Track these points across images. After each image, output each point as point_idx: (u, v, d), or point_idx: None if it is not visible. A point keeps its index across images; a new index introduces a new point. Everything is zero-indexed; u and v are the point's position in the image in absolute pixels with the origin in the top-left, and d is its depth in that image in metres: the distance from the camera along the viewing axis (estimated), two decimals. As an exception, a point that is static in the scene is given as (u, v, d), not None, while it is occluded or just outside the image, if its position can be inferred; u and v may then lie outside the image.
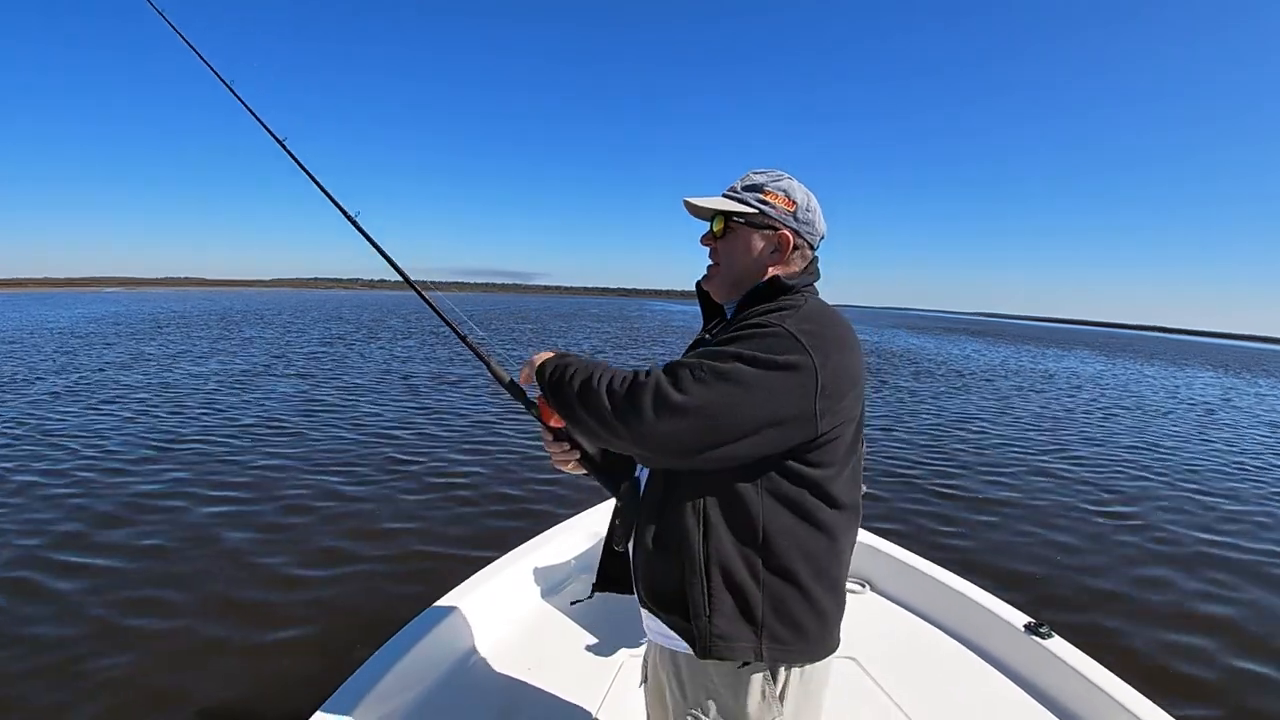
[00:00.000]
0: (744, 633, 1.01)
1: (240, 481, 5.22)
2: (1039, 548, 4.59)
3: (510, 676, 2.00)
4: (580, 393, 0.99)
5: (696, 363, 0.94)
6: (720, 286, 1.17)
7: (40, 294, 76.85)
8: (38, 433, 6.55)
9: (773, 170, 1.14)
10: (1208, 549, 4.81)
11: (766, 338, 0.95)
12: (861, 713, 1.89)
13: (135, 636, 2.99)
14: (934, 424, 9.12)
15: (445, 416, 8.09)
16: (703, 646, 1.02)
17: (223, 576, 3.59)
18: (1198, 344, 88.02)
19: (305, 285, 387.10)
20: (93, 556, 3.77)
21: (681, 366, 0.94)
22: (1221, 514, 5.73)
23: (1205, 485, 6.71)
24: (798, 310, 1.01)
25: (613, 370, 1.01)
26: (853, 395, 1.01)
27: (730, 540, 1.01)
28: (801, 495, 1.00)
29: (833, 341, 0.98)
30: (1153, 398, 14.66)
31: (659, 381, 0.93)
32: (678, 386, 0.91)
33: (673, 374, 0.94)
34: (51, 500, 4.65)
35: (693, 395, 0.91)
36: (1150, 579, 4.18)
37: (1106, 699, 1.77)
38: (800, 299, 1.05)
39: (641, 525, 1.10)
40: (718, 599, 1.01)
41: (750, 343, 0.95)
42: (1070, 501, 5.80)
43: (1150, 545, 4.81)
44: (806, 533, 1.01)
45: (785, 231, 1.10)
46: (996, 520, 5.13)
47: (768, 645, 1.01)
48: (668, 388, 0.92)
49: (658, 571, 1.07)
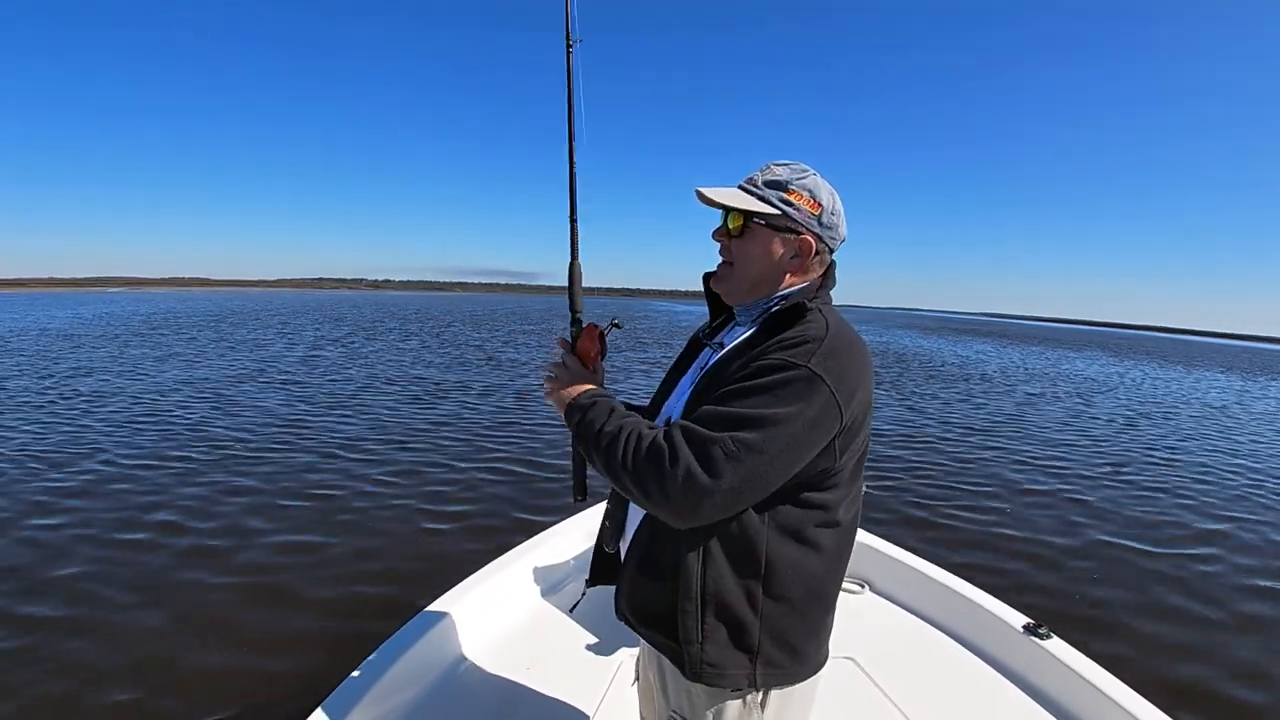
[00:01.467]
0: (738, 660, 0.99)
1: (235, 483, 5.22)
2: (1039, 548, 4.59)
3: (508, 676, 2.00)
4: (606, 460, 0.95)
5: (726, 437, 0.86)
6: (733, 289, 1.10)
7: (41, 294, 77.00)
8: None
9: (796, 164, 1.05)
10: (1209, 549, 4.79)
11: (792, 383, 0.89)
12: (860, 713, 1.88)
13: (135, 636, 2.99)
14: (953, 426, 9.11)
15: (444, 416, 8.11)
16: (692, 671, 1.00)
17: (220, 576, 3.58)
18: (1207, 345, 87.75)
19: (310, 285, 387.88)
20: (92, 553, 3.78)
21: (711, 443, 0.86)
22: (1224, 516, 5.71)
23: (1211, 486, 6.70)
24: (821, 342, 0.93)
25: (638, 434, 0.93)
26: (868, 421, 1.00)
27: (730, 572, 0.97)
28: (807, 522, 0.98)
29: (855, 375, 0.94)
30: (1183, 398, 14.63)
31: (689, 466, 0.86)
32: (709, 470, 0.85)
33: (703, 452, 0.86)
34: (50, 488, 4.67)
35: (725, 478, 0.85)
36: (1150, 579, 4.17)
37: (1105, 700, 1.77)
38: (821, 322, 0.97)
39: (634, 544, 1.07)
40: (711, 628, 0.98)
41: (777, 396, 0.88)
42: (1071, 501, 5.79)
43: (1151, 545, 4.81)
44: (809, 559, 0.99)
45: (808, 236, 1.03)
46: (992, 517, 5.13)
47: (762, 671, 1.00)
48: (699, 472, 0.85)
49: (646, 593, 1.05)
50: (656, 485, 0.87)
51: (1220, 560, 4.59)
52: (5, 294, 74.56)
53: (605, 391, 1.08)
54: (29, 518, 4.30)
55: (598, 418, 0.99)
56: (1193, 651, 3.31)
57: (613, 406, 1.02)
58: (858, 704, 1.92)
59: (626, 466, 0.91)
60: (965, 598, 2.30)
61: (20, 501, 4.60)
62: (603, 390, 1.08)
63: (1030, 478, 6.53)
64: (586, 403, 1.02)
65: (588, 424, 0.99)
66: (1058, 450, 7.91)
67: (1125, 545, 4.77)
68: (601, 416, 0.99)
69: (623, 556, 1.14)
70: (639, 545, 1.06)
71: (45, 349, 14.17)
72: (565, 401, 1.06)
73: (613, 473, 0.94)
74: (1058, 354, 29.67)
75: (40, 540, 3.96)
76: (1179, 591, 4.03)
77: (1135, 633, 3.47)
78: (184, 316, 28.27)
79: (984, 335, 46.92)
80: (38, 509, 4.47)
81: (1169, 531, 5.15)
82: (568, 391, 1.07)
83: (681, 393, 1.13)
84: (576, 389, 1.06)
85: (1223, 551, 4.76)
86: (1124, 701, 1.74)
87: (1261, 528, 5.41)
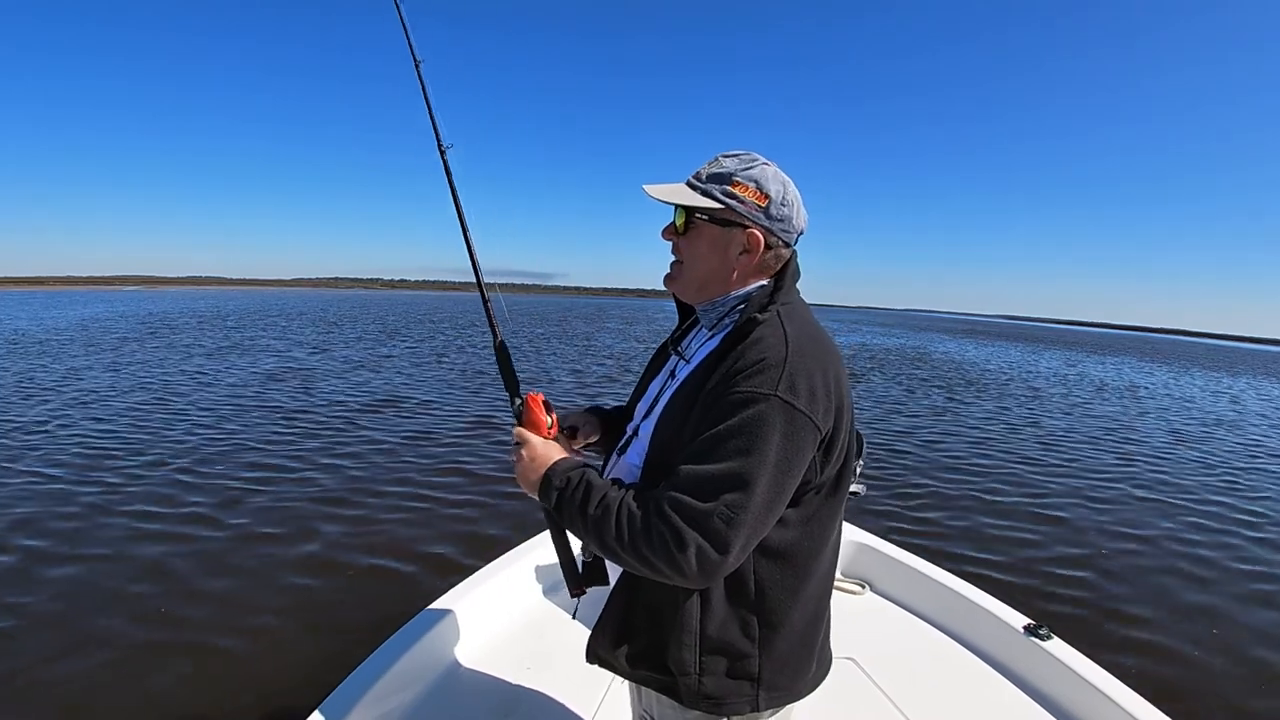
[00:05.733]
0: (738, 689, 0.98)
1: (231, 485, 5.27)
2: (1042, 546, 4.56)
3: (509, 676, 2.01)
4: (599, 540, 0.92)
5: (719, 506, 0.84)
6: (683, 287, 1.07)
7: (54, 292, 77.81)
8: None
9: (745, 153, 1.00)
10: (1210, 550, 4.74)
11: (764, 417, 0.86)
12: (860, 713, 1.88)
13: (134, 637, 3.02)
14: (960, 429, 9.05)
15: (444, 413, 8.15)
16: (690, 700, 0.99)
17: (218, 577, 3.61)
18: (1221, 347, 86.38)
19: (325, 285, 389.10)
20: (86, 552, 3.82)
21: (709, 516, 0.84)
22: (1232, 519, 5.64)
23: (1217, 487, 6.62)
24: (783, 364, 0.89)
25: (628, 512, 0.90)
26: (847, 425, 0.97)
27: (724, 604, 0.96)
28: (792, 540, 0.96)
29: (825, 385, 0.91)
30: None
31: (699, 546, 0.84)
32: (717, 545, 0.84)
33: (705, 528, 0.84)
34: (48, 493, 4.74)
35: (734, 546, 0.85)
36: (1151, 580, 4.14)
37: (1106, 701, 1.76)
38: (779, 335, 0.93)
39: (622, 585, 1.04)
40: (709, 662, 0.97)
41: (752, 437, 0.86)
42: (1071, 502, 5.74)
43: (1150, 545, 4.76)
44: (797, 577, 0.98)
45: (755, 230, 0.98)
46: (992, 512, 5.10)
47: (764, 696, 0.99)
48: (709, 550, 0.84)
49: (639, 632, 1.02)
50: (668, 566, 0.86)
51: (1228, 562, 4.54)
52: (18, 292, 75.38)
53: (574, 462, 1.02)
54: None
55: (575, 498, 0.95)
56: (1195, 653, 3.28)
57: (587, 481, 0.96)
58: (858, 705, 1.92)
59: (625, 548, 0.89)
60: (965, 598, 2.29)
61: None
62: (569, 460, 1.02)
63: (1030, 478, 6.48)
64: (559, 484, 0.97)
65: (564, 506, 0.96)
66: (1058, 451, 7.85)
67: (1126, 545, 4.73)
68: (578, 497, 0.94)
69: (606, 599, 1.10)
70: (626, 587, 1.04)
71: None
72: (534, 486, 1.02)
73: (608, 551, 0.92)
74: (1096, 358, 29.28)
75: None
76: (1180, 592, 3.99)
77: (1137, 633, 3.45)
78: (182, 316, 28.48)
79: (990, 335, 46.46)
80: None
81: (1172, 532, 5.10)
82: (533, 474, 1.02)
83: (649, 398, 1.13)
84: (539, 470, 1.01)
85: (1233, 555, 4.71)
86: (1124, 703, 1.73)
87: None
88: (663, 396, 1.08)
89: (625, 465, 1.11)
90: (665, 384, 1.11)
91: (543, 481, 1.00)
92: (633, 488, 0.96)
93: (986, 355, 24.74)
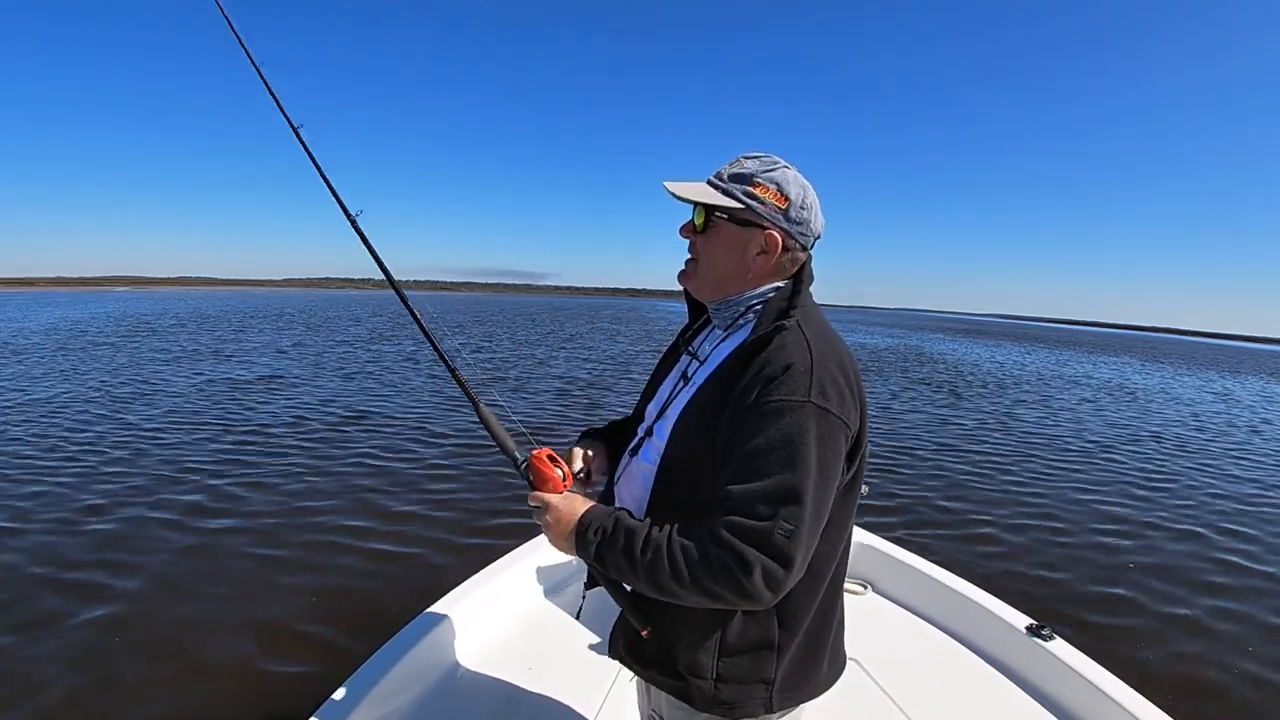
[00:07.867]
0: (754, 693, 0.98)
1: (230, 487, 5.23)
2: (1046, 549, 4.57)
3: (510, 676, 1.99)
4: (653, 583, 0.90)
5: (778, 521, 0.84)
6: (699, 285, 1.08)
7: (41, 293, 77.06)
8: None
9: (767, 156, 1.01)
10: (1215, 550, 4.77)
11: (802, 424, 0.87)
12: (862, 714, 1.88)
13: (132, 637, 3.00)
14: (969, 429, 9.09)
15: (441, 413, 8.12)
16: (702, 704, 0.99)
17: (218, 579, 3.58)
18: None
19: (315, 285, 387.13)
20: (85, 559, 3.79)
21: (768, 534, 0.84)
22: (1236, 519, 5.67)
23: (1220, 491, 6.67)
24: (810, 371, 0.90)
25: (680, 548, 0.88)
26: (867, 423, 0.99)
27: (745, 612, 0.97)
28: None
29: (849, 387, 0.93)
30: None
31: (765, 566, 0.83)
32: (782, 561, 0.84)
33: (766, 546, 0.84)
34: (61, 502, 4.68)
35: (796, 558, 0.84)
36: (1152, 580, 4.15)
37: (1108, 701, 1.76)
38: (801, 342, 0.93)
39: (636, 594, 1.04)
40: (727, 667, 0.97)
41: (794, 446, 0.86)
42: (1073, 502, 5.77)
43: (1153, 545, 4.79)
44: (814, 579, 0.98)
45: (774, 232, 0.99)
46: (993, 518, 5.12)
47: (778, 697, 1.00)
48: (775, 568, 0.84)
49: (659, 636, 1.02)
50: (734, 592, 0.85)
51: (1229, 563, 4.57)
52: (9, 293, 74.69)
53: (602, 511, 0.99)
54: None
55: (615, 545, 0.93)
56: (1197, 653, 3.30)
57: (625, 528, 0.94)
58: (860, 705, 1.91)
59: (685, 585, 0.87)
60: (968, 598, 2.30)
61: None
62: (597, 509, 1.00)
63: (1033, 478, 6.51)
64: (594, 538, 0.96)
65: (606, 556, 0.94)
66: (1060, 451, 7.89)
67: (1129, 545, 4.75)
68: (619, 543, 0.93)
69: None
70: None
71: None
72: (569, 545, 1.00)
73: (666, 593, 0.90)
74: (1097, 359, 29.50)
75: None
76: (1182, 592, 4.01)
77: (1138, 634, 3.45)
78: (159, 318, 28.26)
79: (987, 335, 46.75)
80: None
81: (1173, 532, 5.13)
82: (563, 534, 1.00)
83: (660, 399, 1.13)
84: (568, 528, 0.99)
85: (1235, 557, 4.73)
86: (1126, 703, 1.73)
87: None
88: (676, 398, 1.08)
89: (638, 466, 1.10)
90: (678, 386, 1.10)
91: (577, 539, 0.98)
92: (674, 521, 0.93)
93: (987, 355, 24.85)
